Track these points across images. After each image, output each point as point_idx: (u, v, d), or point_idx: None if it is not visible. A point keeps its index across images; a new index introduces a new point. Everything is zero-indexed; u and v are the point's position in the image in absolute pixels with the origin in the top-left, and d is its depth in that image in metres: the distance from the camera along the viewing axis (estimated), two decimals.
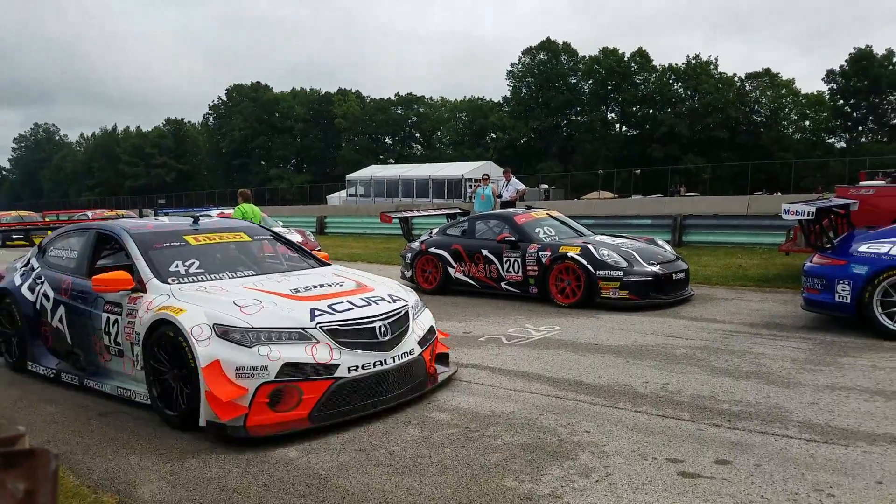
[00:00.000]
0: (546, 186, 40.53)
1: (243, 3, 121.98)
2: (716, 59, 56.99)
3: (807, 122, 56.75)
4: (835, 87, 52.97)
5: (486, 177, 15.77)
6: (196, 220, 5.54)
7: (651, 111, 58.69)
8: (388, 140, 73.30)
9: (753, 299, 8.30)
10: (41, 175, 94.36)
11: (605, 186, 42.77)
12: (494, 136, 63.65)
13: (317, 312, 4.23)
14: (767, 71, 56.35)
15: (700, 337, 6.27)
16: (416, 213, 12.66)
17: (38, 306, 5.47)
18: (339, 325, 4.20)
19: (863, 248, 6.13)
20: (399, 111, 71.94)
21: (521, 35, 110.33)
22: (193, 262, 4.94)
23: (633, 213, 18.04)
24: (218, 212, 16.93)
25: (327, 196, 49.96)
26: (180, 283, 4.65)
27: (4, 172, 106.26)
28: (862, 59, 50.49)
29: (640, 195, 36.94)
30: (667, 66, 58.17)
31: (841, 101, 53.03)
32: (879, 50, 50.33)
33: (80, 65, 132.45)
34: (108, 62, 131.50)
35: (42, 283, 5.49)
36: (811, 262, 6.55)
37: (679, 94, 57.84)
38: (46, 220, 21.56)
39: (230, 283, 4.76)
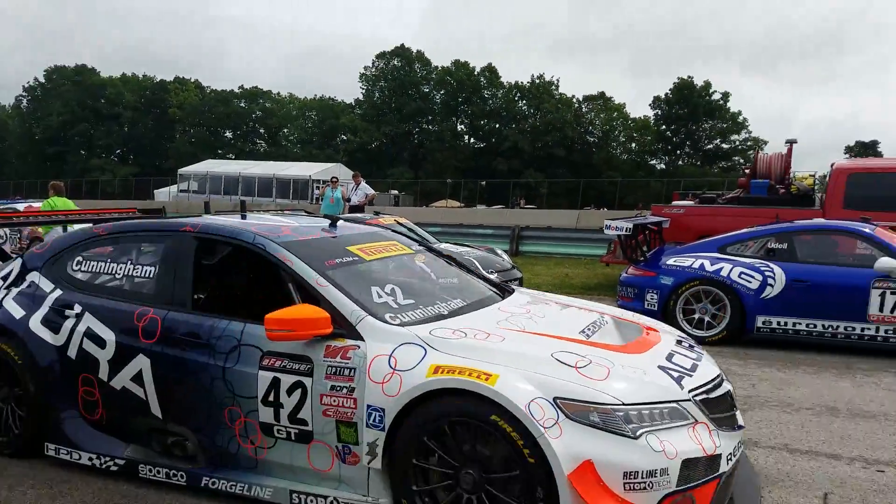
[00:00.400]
0: (396, 192, 40.90)
1: None
2: (557, 80, 61.25)
3: (633, 145, 62.82)
4: (659, 112, 58.94)
5: (335, 179, 15.52)
6: (334, 223, 3.87)
7: (497, 126, 61.64)
8: (228, 134, 69.33)
9: None
10: None
11: (453, 195, 44.16)
12: (345, 137, 63.15)
13: (673, 373, 2.86)
14: (602, 94, 61.63)
15: None
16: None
17: (72, 354, 3.49)
18: (706, 393, 2.85)
19: (670, 261, 6.87)
20: (242, 104, 68.53)
21: (375, 39, 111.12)
22: (393, 289, 3.31)
23: (477, 222, 18.75)
24: (25, 205, 15.00)
25: (155, 191, 45.90)
26: (403, 321, 3.02)
27: None
28: (684, 89, 56.73)
29: (485, 206, 38.51)
30: (513, 83, 61.54)
31: (664, 127, 59.02)
32: (699, 81, 56.85)
33: None
34: None
35: (79, 316, 3.52)
36: (626, 272, 7.23)
37: (523, 112, 61.40)
38: None
39: (473, 322, 3.13)
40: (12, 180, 55.34)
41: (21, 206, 15.17)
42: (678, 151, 59.98)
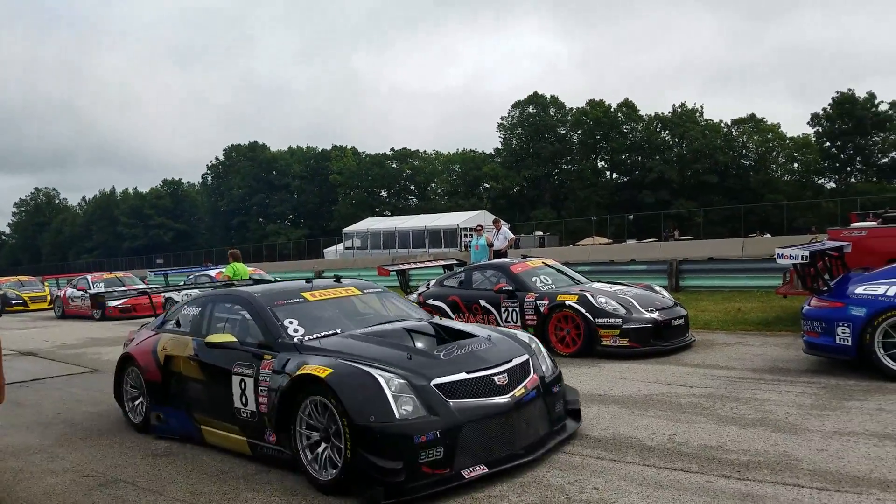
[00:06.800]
0: (541, 233, 40.83)
1: (244, 65, 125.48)
2: (701, 107, 58.54)
3: (795, 164, 57.73)
4: (820, 129, 53.98)
5: (479, 227, 15.93)
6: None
7: (640, 158, 59.81)
8: (383, 193, 74.25)
9: (755, 343, 8.27)
10: (40, 239, 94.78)
11: (599, 232, 43.11)
12: (488, 185, 64.64)
13: None
14: (752, 116, 57.67)
15: (704, 384, 6.22)
16: (413, 266, 12.70)
17: None
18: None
19: (859, 290, 6.16)
20: (394, 165, 73.11)
21: (512, 91, 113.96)
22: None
23: (628, 258, 18.13)
24: (216, 271, 17.04)
25: (324, 250, 50.33)
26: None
27: (4, 237, 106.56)
28: (845, 103, 51.71)
29: (635, 240, 37.17)
30: (653, 115, 59.60)
31: (828, 143, 53.89)
32: (861, 93, 51.61)
33: (83, 129, 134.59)
34: (112, 126, 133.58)
35: None
36: (809, 305, 6.57)
37: (666, 142, 59.05)
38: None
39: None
40: (203, 249, 63.24)
41: (213, 273, 17.29)
42: (848, 168, 54.26)
